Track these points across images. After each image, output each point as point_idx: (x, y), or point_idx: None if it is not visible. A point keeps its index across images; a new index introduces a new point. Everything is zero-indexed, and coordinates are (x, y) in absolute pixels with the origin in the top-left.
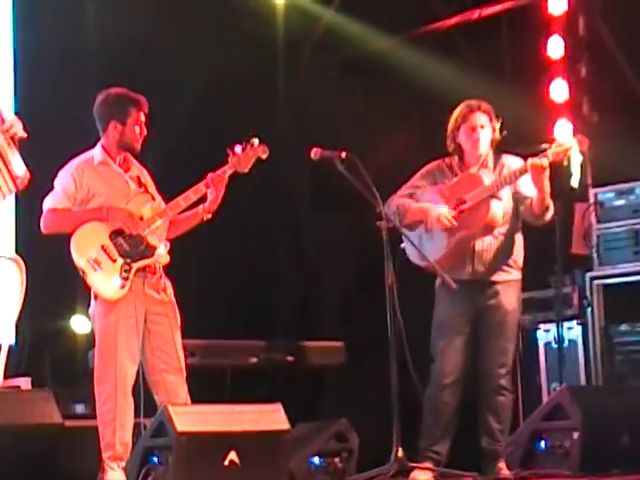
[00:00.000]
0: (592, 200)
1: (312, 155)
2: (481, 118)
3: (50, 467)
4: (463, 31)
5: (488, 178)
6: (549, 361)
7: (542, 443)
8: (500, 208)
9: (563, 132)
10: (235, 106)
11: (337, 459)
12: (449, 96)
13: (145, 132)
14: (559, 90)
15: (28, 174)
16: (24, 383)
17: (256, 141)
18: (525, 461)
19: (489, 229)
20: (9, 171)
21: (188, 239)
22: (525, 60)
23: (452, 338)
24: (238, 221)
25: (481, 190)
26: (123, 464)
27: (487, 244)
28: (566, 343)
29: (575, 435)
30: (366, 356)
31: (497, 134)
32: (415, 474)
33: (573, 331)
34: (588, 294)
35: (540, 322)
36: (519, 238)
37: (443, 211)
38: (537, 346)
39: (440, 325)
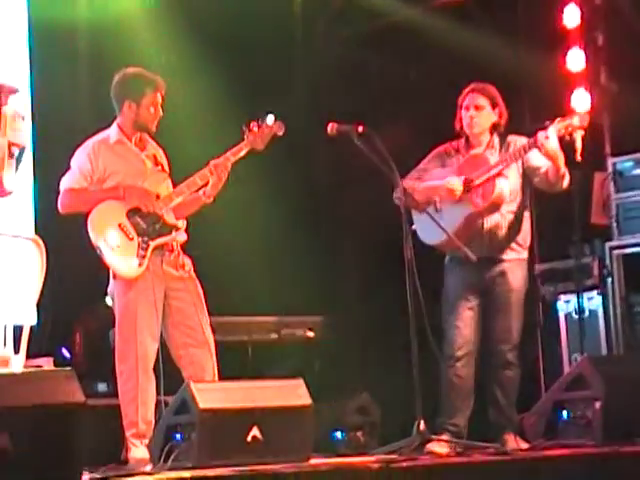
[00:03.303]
0: (611, 169)
1: (329, 130)
2: (478, 99)
3: (73, 446)
4: (479, 1)
5: (494, 158)
6: (570, 332)
7: (564, 413)
8: (507, 186)
9: (580, 102)
10: (252, 81)
11: (360, 433)
12: (467, 69)
13: (161, 113)
14: (576, 59)
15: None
16: (46, 363)
17: (272, 118)
18: (548, 432)
19: (496, 207)
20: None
21: (208, 216)
22: (541, 30)
23: (462, 312)
24: (257, 198)
25: (487, 168)
26: (146, 441)
27: (495, 222)
28: (586, 313)
29: (597, 405)
30: (387, 330)
31: (500, 118)
32: (431, 446)
33: (593, 301)
34: (608, 264)
35: (560, 293)
36: (527, 216)
37: (453, 181)
38: (558, 317)
39: (450, 300)
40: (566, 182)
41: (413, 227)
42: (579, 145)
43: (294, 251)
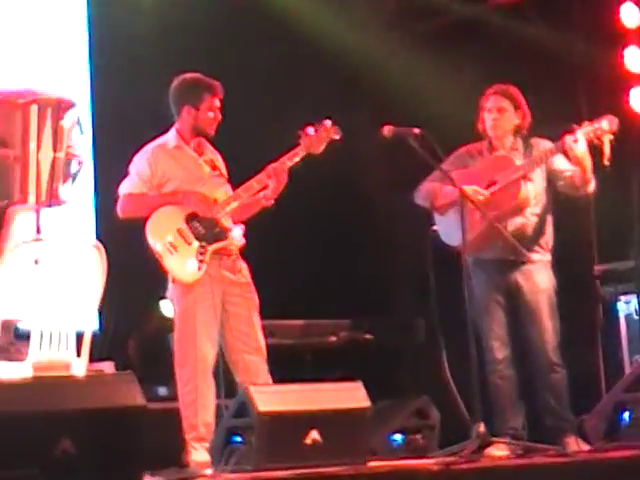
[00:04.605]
0: None
1: (385, 132)
2: (501, 102)
3: (134, 449)
4: (534, 1)
5: (518, 160)
6: (630, 333)
7: (626, 415)
8: (531, 189)
9: (638, 101)
10: (313, 83)
11: (419, 436)
12: (524, 68)
13: (219, 117)
14: (634, 59)
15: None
16: (107, 367)
17: (328, 122)
18: (609, 433)
19: (520, 210)
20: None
21: (264, 221)
22: (598, 28)
23: (494, 314)
24: (313, 201)
25: (511, 171)
26: (206, 445)
27: (518, 225)
28: None
29: None
30: (444, 333)
31: (523, 120)
32: (491, 449)
33: None
34: None
35: (620, 294)
36: (550, 219)
37: (475, 189)
38: (618, 318)
39: (480, 303)
40: (592, 187)
41: (434, 227)
42: (607, 149)
43: (349, 253)
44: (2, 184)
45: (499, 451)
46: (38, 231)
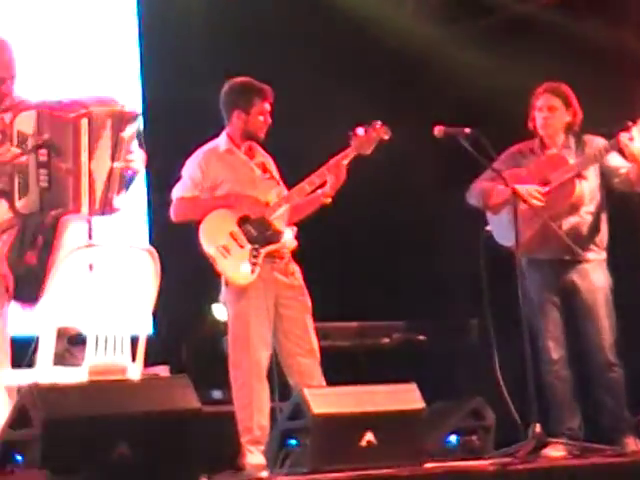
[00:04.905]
0: None
1: (436, 132)
2: (551, 100)
3: (190, 452)
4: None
5: (572, 159)
6: None
7: None
8: (586, 187)
9: None
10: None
11: (474, 437)
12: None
13: (269, 121)
14: None
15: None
16: (162, 371)
17: (378, 123)
18: None
19: (575, 209)
20: (107, 196)
21: (316, 223)
22: None
23: (549, 314)
24: (365, 203)
25: (566, 169)
26: (262, 447)
27: (573, 223)
28: None
29: None
30: (498, 333)
31: (574, 117)
32: (547, 450)
33: None
34: None
35: None
36: (604, 217)
37: (530, 189)
38: None
39: (535, 304)
40: None
41: (488, 228)
42: None
43: (402, 254)
44: (56, 194)
45: (556, 452)
46: (90, 239)
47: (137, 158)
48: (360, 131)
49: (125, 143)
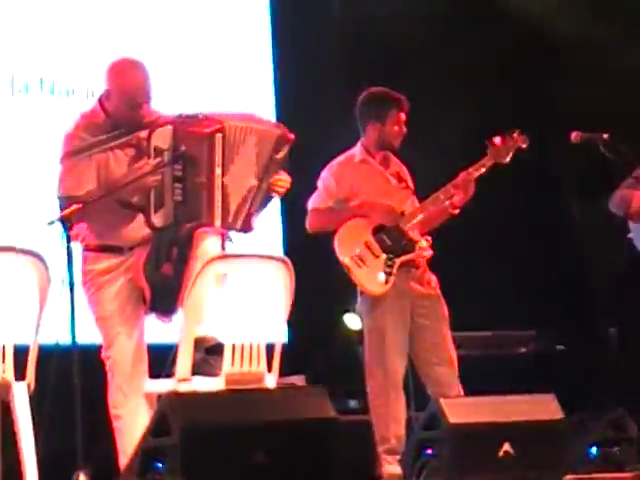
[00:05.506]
0: None
1: (573, 138)
2: None
3: (328, 461)
4: None
5: None
6: None
7: None
8: None
9: None
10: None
11: (616, 449)
12: None
13: (405, 131)
14: None
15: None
16: (298, 381)
17: (516, 131)
18: None
19: None
20: (243, 212)
21: (451, 232)
22: None
23: None
24: (501, 210)
25: None
26: (398, 457)
27: None
28: None
29: None
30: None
31: None
32: None
33: None
34: None
35: None
36: None
37: None
38: None
39: None
40: None
41: (630, 235)
42: None
43: (538, 262)
44: (190, 207)
45: None
46: (224, 250)
47: (283, 181)
48: (497, 140)
49: (277, 165)
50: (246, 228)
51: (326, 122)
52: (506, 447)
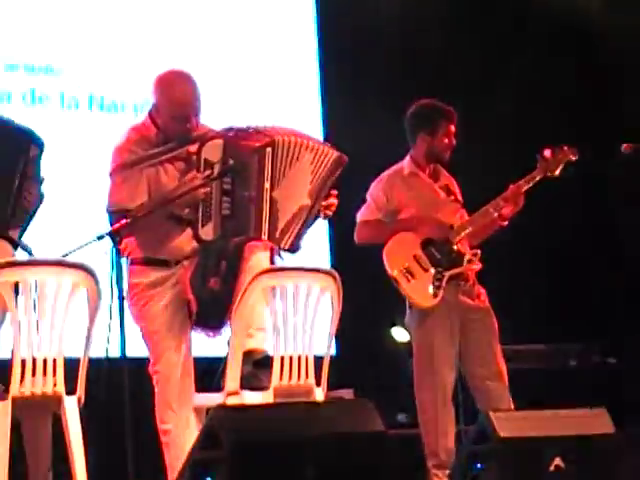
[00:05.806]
0: None
1: (624, 149)
2: None
3: (375, 476)
4: None
5: None
6: None
7: None
8: None
9: None
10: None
11: None
12: None
13: (454, 143)
14: None
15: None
16: (347, 394)
17: (566, 145)
18: None
19: None
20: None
21: (500, 245)
22: None
23: None
24: (548, 222)
25: None
26: (447, 472)
27: None
28: None
29: None
30: None
31: None
32: None
33: None
34: None
35: None
36: None
37: None
38: None
39: None
40: None
41: None
42: None
43: (589, 274)
44: (238, 221)
45: None
46: (272, 264)
47: (334, 205)
48: (547, 153)
49: (331, 186)
50: (293, 248)
51: (373, 134)
52: (557, 461)
